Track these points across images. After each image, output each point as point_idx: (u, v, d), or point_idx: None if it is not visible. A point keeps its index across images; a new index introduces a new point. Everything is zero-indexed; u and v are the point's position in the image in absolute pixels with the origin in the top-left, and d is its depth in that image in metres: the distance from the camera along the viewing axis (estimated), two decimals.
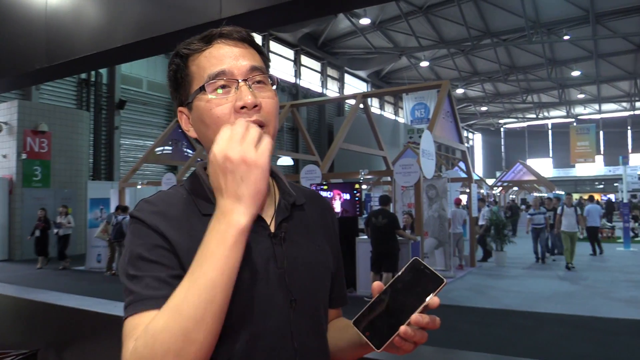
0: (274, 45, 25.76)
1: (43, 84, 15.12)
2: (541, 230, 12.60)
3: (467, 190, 13.64)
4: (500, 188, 30.54)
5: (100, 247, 12.47)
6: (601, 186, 46.67)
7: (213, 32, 0.95)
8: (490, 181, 32.83)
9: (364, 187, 15.16)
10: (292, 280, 0.91)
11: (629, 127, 46.60)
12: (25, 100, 15.25)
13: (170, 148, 14.86)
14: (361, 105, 12.00)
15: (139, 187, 13.54)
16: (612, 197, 34.33)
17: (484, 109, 44.10)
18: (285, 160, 20.61)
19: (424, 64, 30.20)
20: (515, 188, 31.98)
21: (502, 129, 53.70)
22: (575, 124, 40.78)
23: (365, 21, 24.32)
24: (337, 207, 9.55)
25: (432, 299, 0.80)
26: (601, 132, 44.50)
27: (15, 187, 14.46)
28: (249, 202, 0.77)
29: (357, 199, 9.61)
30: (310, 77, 29.02)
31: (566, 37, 24.94)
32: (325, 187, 9.76)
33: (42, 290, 3.41)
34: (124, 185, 13.35)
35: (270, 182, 1.04)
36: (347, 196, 9.59)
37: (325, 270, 1.02)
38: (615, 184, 28.77)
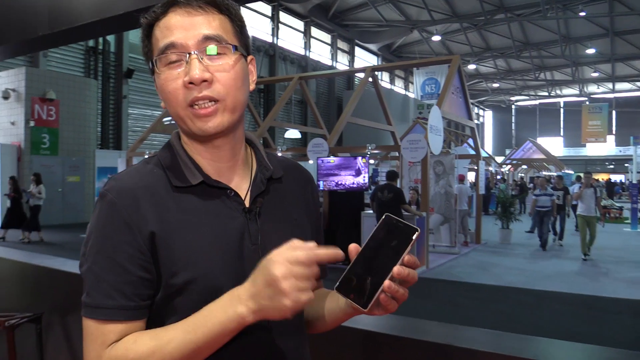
0: (283, 16, 25.43)
1: (49, 50, 15.07)
2: (546, 214, 11.50)
3: (475, 167, 13.58)
4: (510, 166, 30.37)
5: None
6: (612, 166, 46.32)
7: None
8: (499, 159, 32.67)
9: (371, 161, 15.10)
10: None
11: None
12: (32, 67, 15.23)
13: None
14: (370, 79, 11.88)
15: (146, 156, 13.56)
16: (613, 178, 34.17)
17: (495, 85, 43.60)
18: (293, 133, 20.57)
19: (436, 38, 29.74)
20: (525, 166, 31.79)
21: (513, 106, 53.15)
22: (587, 102, 40.29)
23: None
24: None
25: (408, 256, 0.80)
26: (614, 112, 43.90)
27: (24, 154, 14.56)
28: (261, 316, 0.77)
29: (365, 168, 9.57)
30: (320, 50, 28.69)
31: (582, 14, 24.48)
32: (332, 161, 9.74)
33: (47, 256, 3.45)
34: (131, 154, 13.40)
35: (249, 152, 1.03)
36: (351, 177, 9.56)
37: None
38: (626, 165, 28.48)
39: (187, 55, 0.86)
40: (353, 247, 0.82)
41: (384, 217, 0.84)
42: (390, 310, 0.82)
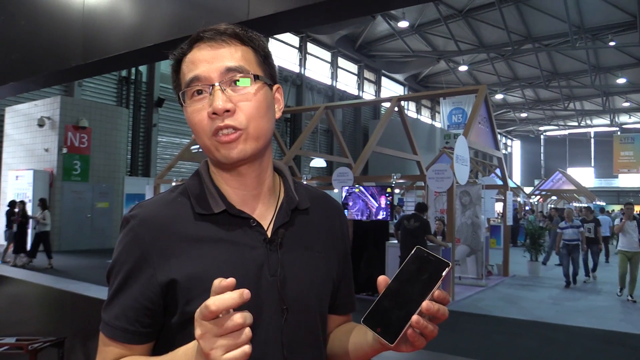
0: (311, 47, 25.84)
1: (84, 80, 15.57)
2: (574, 248, 10.77)
3: (503, 198, 13.37)
4: (539, 197, 29.81)
5: None
6: None
7: (197, 32, 0.93)
8: (528, 189, 32.14)
9: (396, 191, 15.02)
10: (286, 289, 0.89)
11: None
12: (67, 96, 15.76)
13: None
14: (396, 109, 11.91)
15: (173, 183, 13.79)
16: None
17: (523, 115, 43.15)
18: (319, 162, 20.66)
19: (463, 68, 29.74)
20: (554, 197, 31.16)
21: (542, 136, 52.44)
22: (619, 132, 39.52)
23: (403, 24, 24.12)
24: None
25: (438, 291, 0.77)
26: None
27: (56, 180, 14.94)
28: None
29: (388, 202, 9.52)
30: (347, 80, 28.97)
31: (612, 43, 24.17)
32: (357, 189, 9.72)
33: (71, 281, 3.50)
34: (159, 181, 13.61)
35: (276, 181, 1.03)
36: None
37: (324, 278, 0.99)
38: None
39: (211, 87, 0.89)
40: (382, 279, 0.82)
41: (415, 249, 0.83)
42: (418, 347, 0.80)
